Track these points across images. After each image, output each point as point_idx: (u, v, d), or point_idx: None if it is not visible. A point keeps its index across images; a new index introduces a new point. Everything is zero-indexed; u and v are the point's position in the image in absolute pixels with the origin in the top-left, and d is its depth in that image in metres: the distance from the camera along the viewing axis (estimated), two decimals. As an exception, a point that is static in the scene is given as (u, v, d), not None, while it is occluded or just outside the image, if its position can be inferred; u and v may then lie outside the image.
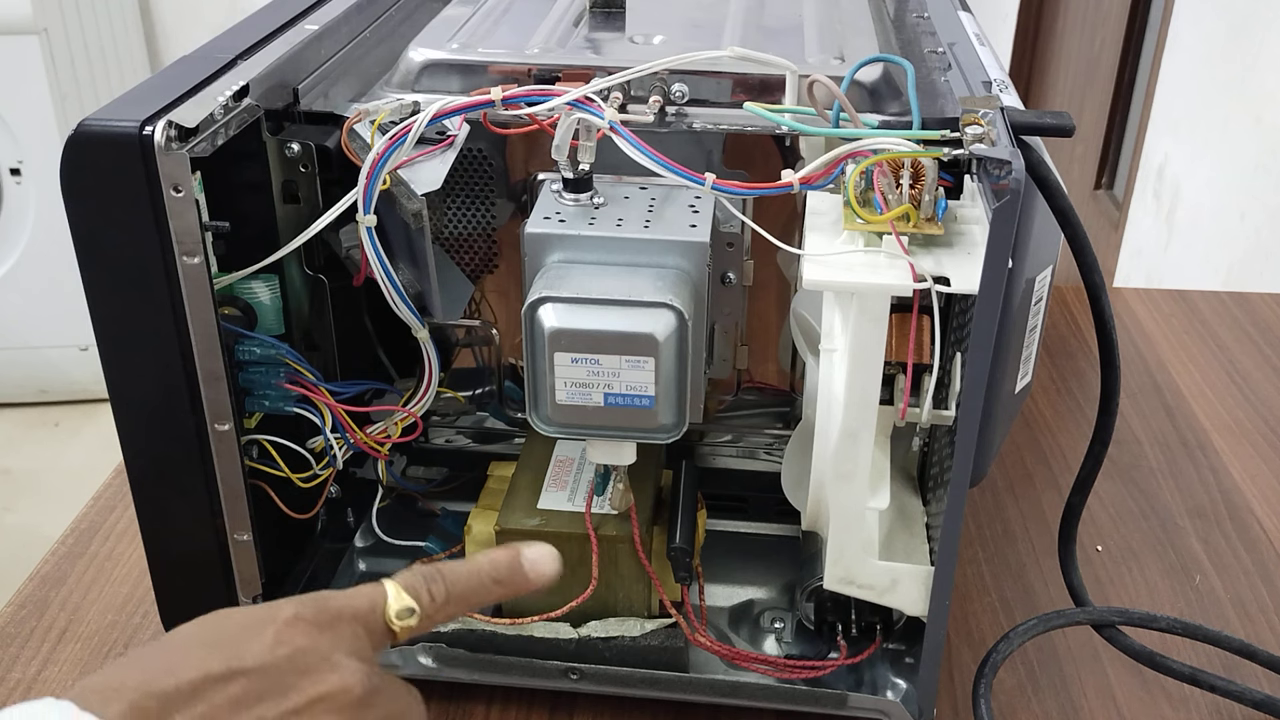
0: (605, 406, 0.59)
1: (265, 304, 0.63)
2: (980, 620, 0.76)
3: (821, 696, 0.65)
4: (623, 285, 0.58)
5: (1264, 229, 1.66)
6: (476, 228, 0.74)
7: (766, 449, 0.81)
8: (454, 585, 0.46)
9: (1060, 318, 1.14)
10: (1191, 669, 0.69)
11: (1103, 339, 0.61)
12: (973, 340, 0.51)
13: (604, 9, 0.76)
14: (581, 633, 0.66)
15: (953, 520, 0.56)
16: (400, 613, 0.45)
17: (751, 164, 0.68)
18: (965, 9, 0.81)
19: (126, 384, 0.58)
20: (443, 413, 0.82)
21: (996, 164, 0.50)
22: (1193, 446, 0.94)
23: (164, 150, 0.52)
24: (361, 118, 0.60)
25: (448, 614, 0.46)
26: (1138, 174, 1.80)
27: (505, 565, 0.47)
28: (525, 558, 0.48)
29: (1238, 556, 0.82)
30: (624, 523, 0.66)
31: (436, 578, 0.46)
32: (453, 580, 0.46)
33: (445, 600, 0.46)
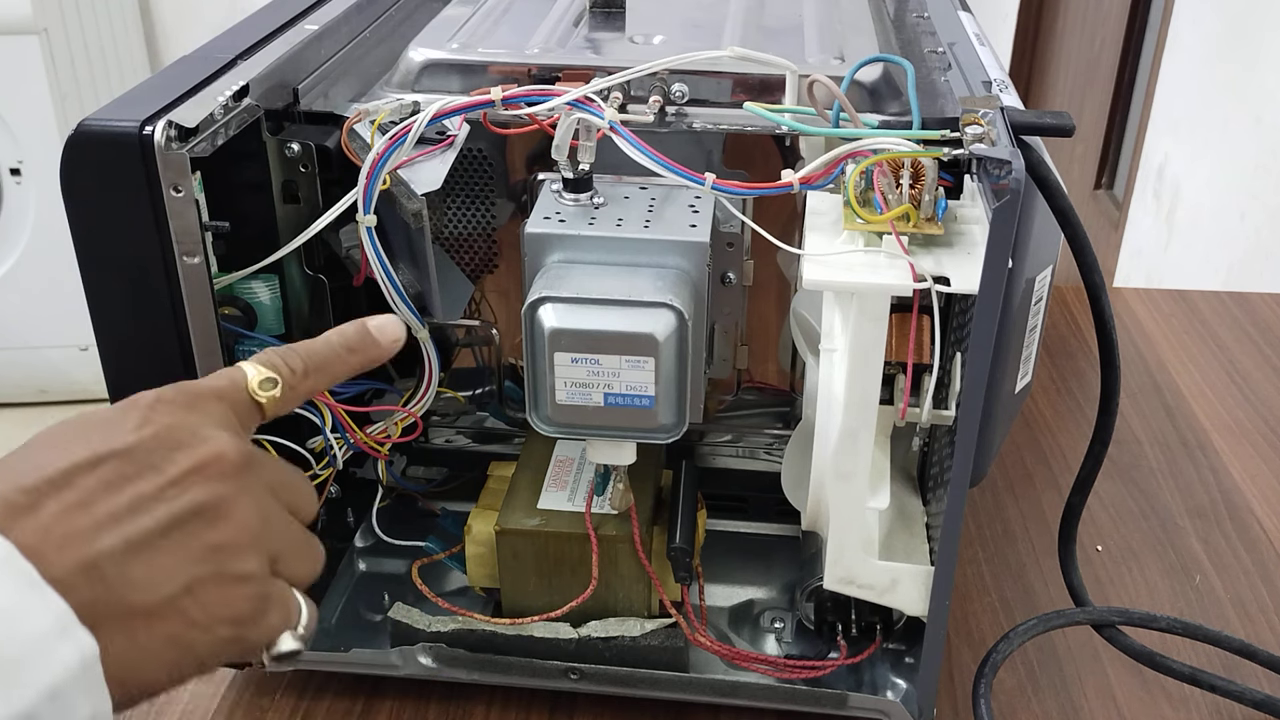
0: (605, 406, 0.59)
1: (265, 304, 0.63)
2: (980, 620, 0.76)
3: (821, 696, 0.65)
4: (623, 285, 0.58)
5: (1264, 229, 1.66)
6: (476, 228, 0.74)
7: (766, 449, 0.81)
8: (310, 356, 0.47)
9: (1060, 318, 1.14)
10: (1191, 669, 0.69)
11: (1103, 339, 0.61)
12: (973, 340, 0.51)
13: (604, 9, 0.76)
14: (581, 633, 0.66)
15: (953, 520, 0.56)
16: (262, 384, 0.45)
17: (751, 164, 0.68)
18: (965, 9, 0.81)
19: (126, 384, 0.58)
20: (443, 413, 0.82)
21: (996, 164, 0.50)
22: (1193, 446, 0.94)
23: (164, 150, 0.52)
24: (361, 118, 0.60)
25: (309, 386, 0.47)
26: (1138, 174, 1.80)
27: (354, 333, 0.49)
28: (371, 324, 0.49)
29: (1238, 556, 0.82)
30: (624, 523, 0.66)
31: (292, 352, 0.47)
32: (308, 352, 0.47)
33: (304, 371, 0.46)
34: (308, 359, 0.47)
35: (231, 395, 0.44)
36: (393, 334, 0.50)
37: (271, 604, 0.41)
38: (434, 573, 0.73)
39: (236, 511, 0.40)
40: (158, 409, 0.41)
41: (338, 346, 0.48)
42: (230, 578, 0.39)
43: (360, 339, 0.49)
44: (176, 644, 0.38)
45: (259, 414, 0.45)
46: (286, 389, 0.45)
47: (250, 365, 0.45)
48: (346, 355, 0.49)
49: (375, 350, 0.49)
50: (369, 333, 0.49)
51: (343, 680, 0.69)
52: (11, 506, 0.36)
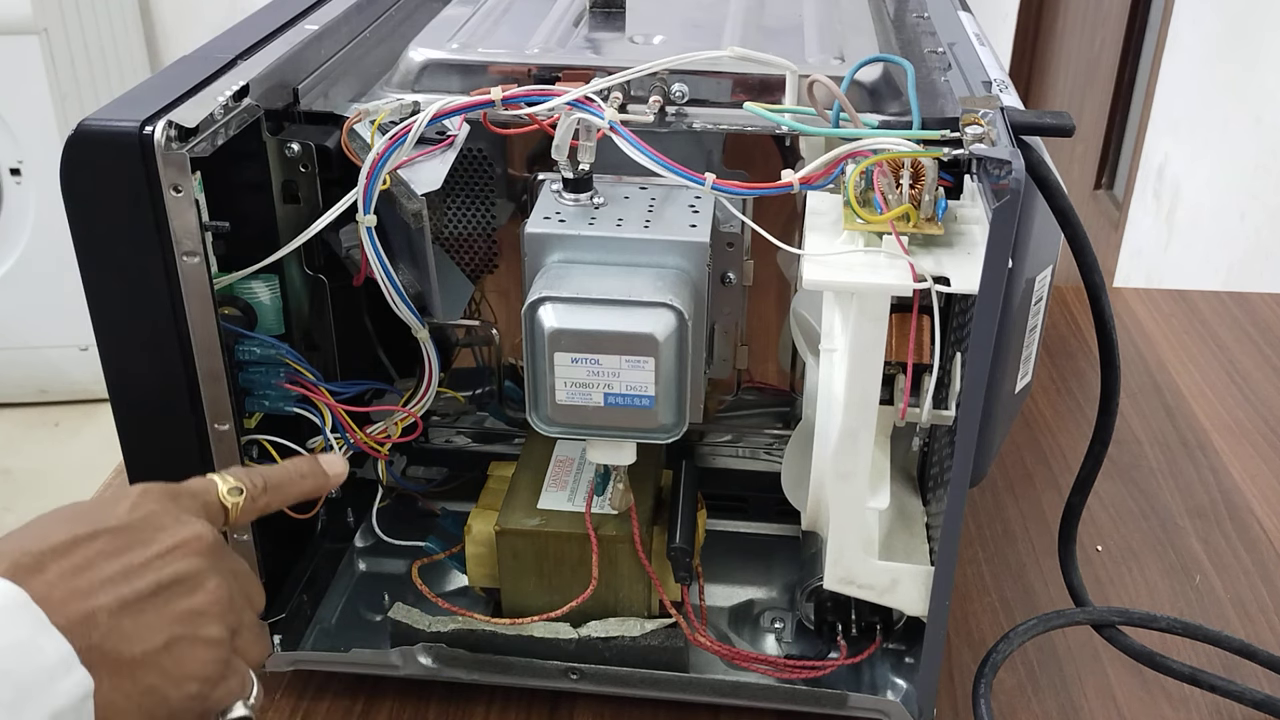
0: (605, 406, 0.59)
1: (265, 304, 0.63)
2: (980, 620, 0.76)
3: (821, 696, 0.65)
4: (623, 285, 0.58)
5: (1264, 229, 1.66)
6: (476, 228, 0.74)
7: (766, 449, 0.81)
8: (269, 476, 0.54)
9: (1060, 318, 1.14)
10: (1191, 669, 0.69)
11: (1103, 339, 0.61)
12: (973, 340, 0.51)
13: (604, 9, 0.76)
14: (581, 633, 0.66)
15: (953, 520, 0.56)
16: (230, 491, 0.52)
17: (751, 164, 0.68)
18: (965, 9, 0.81)
19: (126, 384, 0.58)
20: (443, 413, 0.82)
21: (996, 164, 0.50)
22: (1193, 446, 0.94)
23: (164, 150, 0.52)
24: (361, 118, 0.60)
25: (266, 501, 0.54)
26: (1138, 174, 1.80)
27: (305, 463, 0.57)
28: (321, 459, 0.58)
29: (1238, 556, 0.82)
30: (624, 523, 0.66)
31: (255, 471, 0.54)
32: (268, 473, 0.55)
33: (264, 488, 0.54)
34: (268, 478, 0.54)
35: (204, 496, 0.51)
36: (337, 469, 0.58)
37: (232, 670, 0.48)
38: (434, 573, 0.73)
39: (210, 584, 0.47)
40: (146, 497, 0.48)
41: (292, 472, 0.56)
42: (202, 641, 0.46)
43: (311, 468, 0.57)
44: (153, 694, 0.44)
45: (225, 517, 0.52)
46: (249, 500, 0.53)
47: (219, 477, 0.52)
48: (299, 480, 0.56)
49: (323, 479, 0.57)
50: (319, 465, 0.57)
51: (343, 680, 0.69)
52: (20, 566, 0.43)
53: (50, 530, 0.45)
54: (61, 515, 0.47)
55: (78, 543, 0.45)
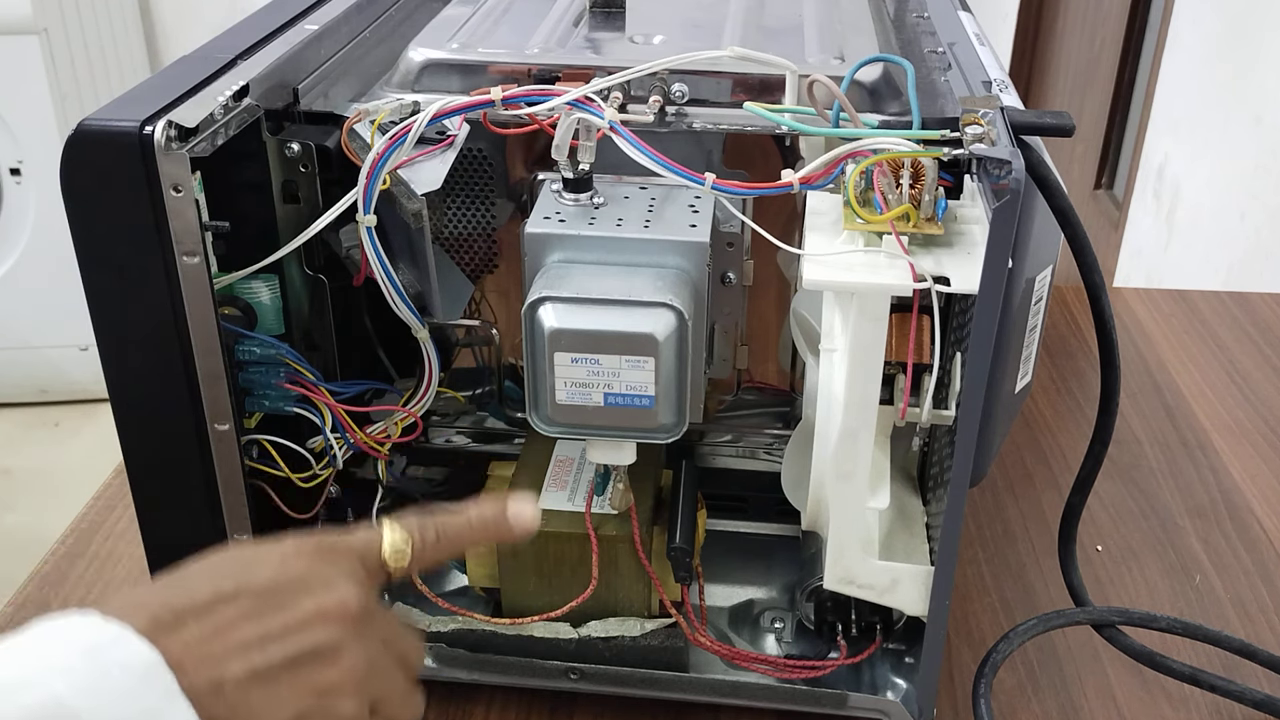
0: (605, 406, 0.59)
1: (265, 304, 0.63)
2: (980, 620, 0.76)
3: (821, 696, 0.65)
4: (622, 285, 0.58)
5: (1264, 229, 1.66)
6: (476, 228, 0.74)
7: (766, 449, 0.81)
8: (443, 530, 0.50)
9: (1060, 318, 1.14)
10: (1191, 669, 0.69)
11: (1103, 339, 0.61)
12: (973, 340, 0.51)
13: (604, 9, 0.76)
14: (581, 633, 0.66)
15: (953, 520, 0.56)
16: (394, 554, 0.48)
17: (751, 164, 0.68)
18: (965, 9, 0.81)
19: (126, 384, 0.58)
20: (443, 413, 0.82)
21: (996, 164, 0.50)
22: (1193, 446, 0.94)
23: (164, 150, 0.52)
24: (361, 118, 0.60)
25: (435, 556, 0.50)
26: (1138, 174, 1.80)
27: (491, 515, 0.51)
28: (510, 510, 0.51)
29: (1238, 556, 0.82)
30: (624, 523, 0.66)
31: (429, 525, 0.50)
32: (443, 526, 0.50)
33: (435, 541, 0.50)
34: (441, 532, 0.50)
35: (364, 554, 0.48)
36: (527, 520, 0.51)
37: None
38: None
39: (347, 658, 0.44)
40: (298, 556, 0.45)
41: (476, 526, 0.51)
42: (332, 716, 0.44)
43: (496, 523, 0.51)
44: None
45: (386, 575, 0.49)
46: (414, 560, 0.49)
47: (389, 529, 0.49)
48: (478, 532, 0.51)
49: (508, 535, 0.51)
50: (505, 519, 0.51)
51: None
52: (159, 623, 0.41)
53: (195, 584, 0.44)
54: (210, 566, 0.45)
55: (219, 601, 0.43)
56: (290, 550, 0.46)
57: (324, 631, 0.44)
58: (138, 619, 0.41)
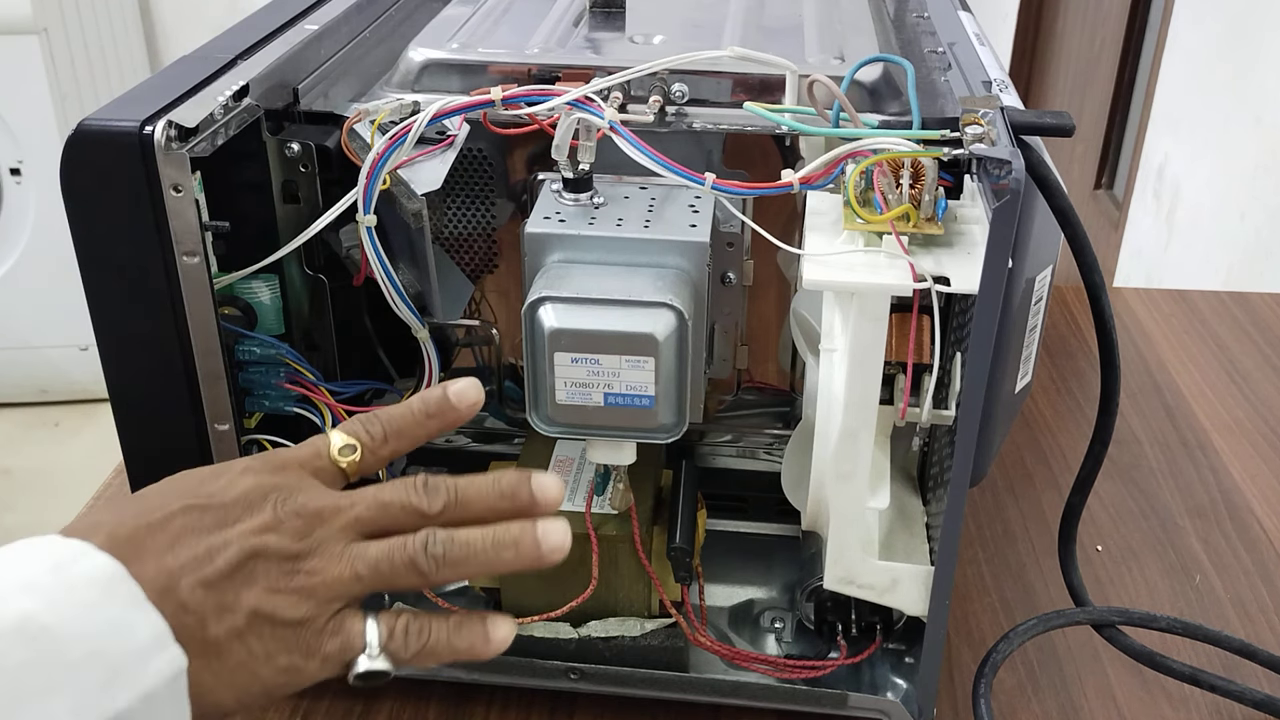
0: (605, 406, 0.59)
1: (265, 304, 0.63)
2: (980, 620, 0.76)
3: (821, 696, 0.65)
4: (622, 285, 0.58)
5: (1264, 229, 1.66)
6: (476, 228, 0.74)
7: (766, 449, 0.81)
8: (389, 422, 0.51)
9: (1060, 318, 1.14)
10: (1191, 669, 0.69)
11: (1103, 339, 0.61)
12: (973, 340, 0.51)
13: (604, 9, 0.76)
14: (581, 633, 0.66)
15: (953, 520, 0.56)
16: (342, 449, 0.50)
17: (751, 164, 0.68)
18: (965, 9, 0.81)
19: (126, 384, 0.58)
20: (443, 413, 0.82)
21: (996, 164, 0.50)
22: (1193, 446, 0.94)
23: (164, 150, 0.52)
24: (361, 118, 0.60)
25: (390, 450, 0.51)
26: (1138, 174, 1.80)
27: (435, 399, 0.51)
28: (450, 390, 0.52)
29: (1238, 556, 0.82)
30: (624, 523, 0.66)
31: (373, 419, 0.51)
32: (388, 418, 0.51)
33: (383, 437, 0.51)
34: (387, 425, 0.51)
35: (314, 463, 0.49)
36: (471, 398, 0.52)
37: (325, 638, 0.46)
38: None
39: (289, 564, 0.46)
40: (245, 474, 0.47)
41: (418, 412, 0.51)
42: (282, 621, 0.45)
43: (439, 404, 0.51)
44: (243, 670, 0.44)
45: (342, 477, 0.50)
46: (366, 453, 0.50)
47: (334, 433, 0.50)
48: (425, 420, 0.52)
49: (454, 414, 0.52)
50: (448, 398, 0.52)
51: (343, 681, 0.69)
52: (116, 539, 0.43)
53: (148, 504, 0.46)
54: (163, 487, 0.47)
55: (170, 517, 0.45)
56: (239, 468, 0.48)
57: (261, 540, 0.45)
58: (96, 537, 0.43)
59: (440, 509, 0.49)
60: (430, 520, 0.48)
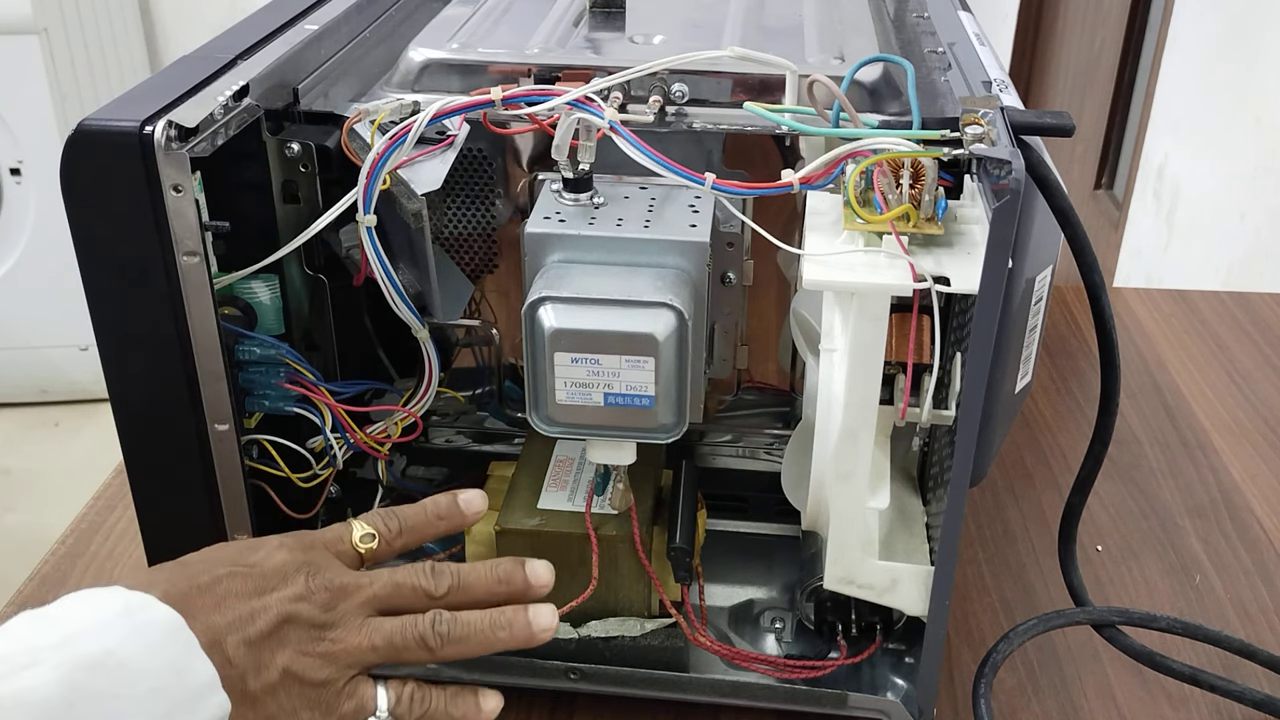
0: (605, 406, 0.59)
1: (265, 304, 0.63)
2: (980, 620, 0.76)
3: (821, 696, 0.65)
4: (623, 285, 0.58)
5: (1264, 229, 1.66)
6: (476, 228, 0.74)
7: (766, 449, 0.81)
8: (405, 520, 0.59)
9: (1060, 318, 1.14)
10: (1191, 669, 0.69)
11: (1103, 339, 0.61)
12: (973, 340, 0.51)
13: (604, 9, 0.76)
14: (581, 633, 0.66)
15: (953, 520, 0.56)
16: (363, 537, 0.57)
17: (751, 164, 0.68)
18: (965, 9, 0.81)
19: (126, 384, 0.58)
20: (443, 413, 0.82)
21: (996, 164, 0.50)
22: (1193, 446, 0.94)
23: (164, 150, 0.52)
24: (361, 118, 0.60)
25: (402, 543, 0.58)
26: (1138, 174, 1.80)
27: (445, 504, 0.60)
28: (460, 498, 0.60)
29: (1238, 556, 0.82)
30: (624, 523, 0.66)
31: (391, 515, 0.59)
32: (403, 516, 0.59)
33: (399, 531, 0.58)
34: (403, 521, 0.58)
35: (337, 545, 0.56)
36: (477, 507, 0.60)
37: (343, 699, 0.52)
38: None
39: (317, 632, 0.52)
40: (280, 550, 0.54)
41: (430, 514, 0.59)
42: (309, 681, 0.51)
43: (449, 509, 0.60)
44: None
45: (359, 561, 0.57)
46: (383, 543, 0.57)
47: (357, 523, 0.58)
48: (435, 521, 0.59)
49: (459, 519, 0.60)
50: (457, 505, 0.60)
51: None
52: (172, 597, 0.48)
53: (195, 569, 0.52)
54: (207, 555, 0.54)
55: (216, 581, 0.51)
56: (275, 544, 0.54)
57: (297, 607, 0.52)
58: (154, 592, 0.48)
59: (445, 591, 0.56)
60: (436, 601, 0.55)
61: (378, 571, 0.56)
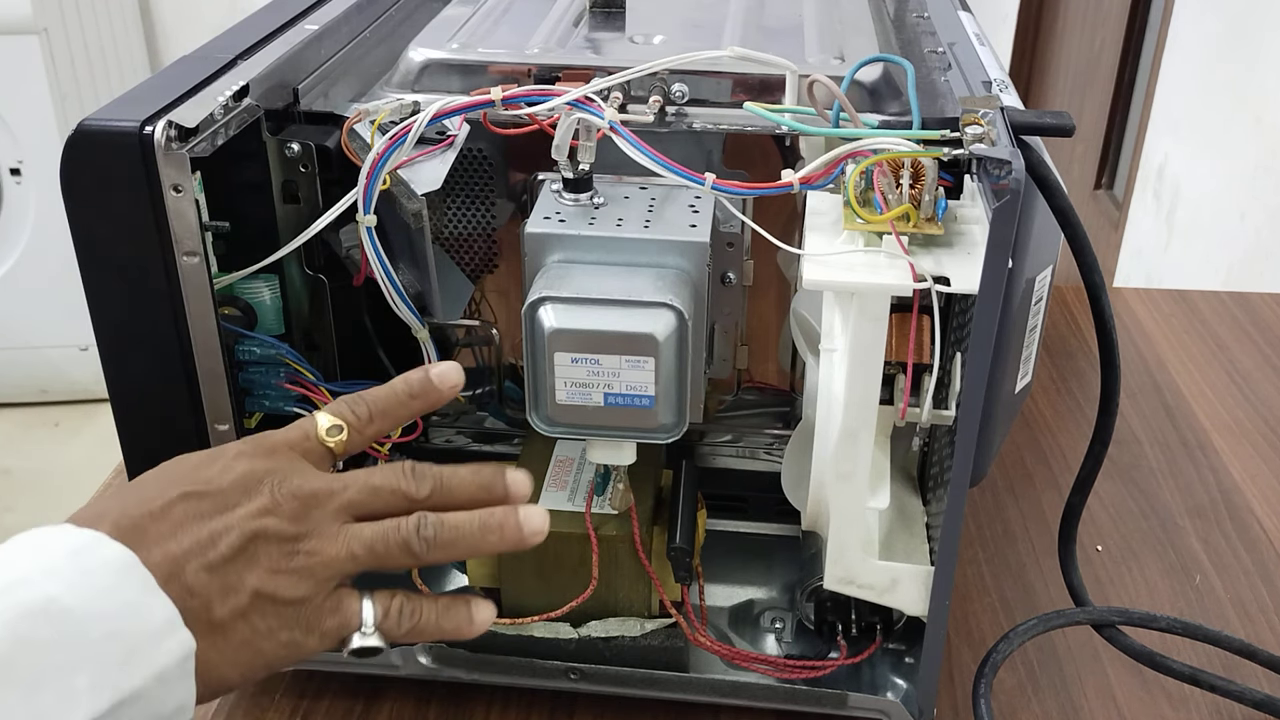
0: (605, 406, 0.59)
1: (265, 304, 0.63)
2: (980, 620, 0.76)
3: (821, 696, 0.65)
4: (623, 285, 0.58)
5: (1264, 229, 1.66)
6: (476, 228, 0.74)
7: (766, 449, 0.81)
8: (374, 403, 0.53)
9: (1060, 318, 1.14)
10: (1191, 669, 0.69)
11: (1103, 339, 0.61)
12: (973, 340, 0.51)
13: (604, 9, 0.76)
14: (581, 633, 0.66)
15: (953, 520, 0.56)
16: (330, 430, 0.52)
17: (751, 164, 0.68)
18: (965, 9, 0.81)
19: (126, 384, 0.58)
20: (443, 413, 0.82)
21: (996, 164, 0.50)
22: (1193, 446, 0.94)
23: (164, 150, 0.52)
24: (361, 118, 0.60)
25: (375, 429, 0.53)
26: (1138, 174, 1.80)
27: (416, 380, 0.54)
28: (432, 372, 0.54)
29: (1238, 556, 0.82)
30: (624, 523, 0.66)
31: (358, 400, 0.53)
32: (372, 399, 0.53)
33: (369, 417, 0.53)
34: (372, 405, 0.53)
35: (303, 445, 0.51)
36: (452, 380, 0.54)
37: (324, 615, 0.48)
38: (434, 573, 0.73)
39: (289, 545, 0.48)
40: (239, 459, 0.49)
41: (401, 393, 0.54)
42: (283, 600, 0.47)
43: (422, 385, 0.54)
44: (247, 647, 0.47)
45: (330, 456, 0.52)
46: (353, 433, 0.52)
47: (321, 414, 0.52)
48: (409, 401, 0.54)
49: (435, 395, 0.54)
50: (430, 379, 0.54)
51: (343, 680, 0.69)
52: (121, 528, 0.45)
53: (149, 492, 0.47)
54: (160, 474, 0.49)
55: (172, 505, 0.47)
56: (232, 453, 0.50)
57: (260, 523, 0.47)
58: (102, 526, 0.45)
59: (427, 494, 0.51)
60: (417, 504, 0.50)
61: (352, 473, 0.51)
